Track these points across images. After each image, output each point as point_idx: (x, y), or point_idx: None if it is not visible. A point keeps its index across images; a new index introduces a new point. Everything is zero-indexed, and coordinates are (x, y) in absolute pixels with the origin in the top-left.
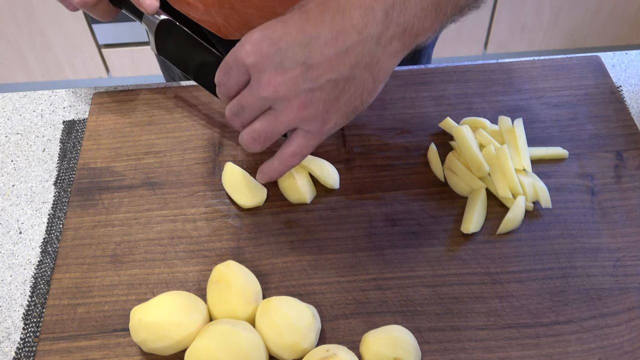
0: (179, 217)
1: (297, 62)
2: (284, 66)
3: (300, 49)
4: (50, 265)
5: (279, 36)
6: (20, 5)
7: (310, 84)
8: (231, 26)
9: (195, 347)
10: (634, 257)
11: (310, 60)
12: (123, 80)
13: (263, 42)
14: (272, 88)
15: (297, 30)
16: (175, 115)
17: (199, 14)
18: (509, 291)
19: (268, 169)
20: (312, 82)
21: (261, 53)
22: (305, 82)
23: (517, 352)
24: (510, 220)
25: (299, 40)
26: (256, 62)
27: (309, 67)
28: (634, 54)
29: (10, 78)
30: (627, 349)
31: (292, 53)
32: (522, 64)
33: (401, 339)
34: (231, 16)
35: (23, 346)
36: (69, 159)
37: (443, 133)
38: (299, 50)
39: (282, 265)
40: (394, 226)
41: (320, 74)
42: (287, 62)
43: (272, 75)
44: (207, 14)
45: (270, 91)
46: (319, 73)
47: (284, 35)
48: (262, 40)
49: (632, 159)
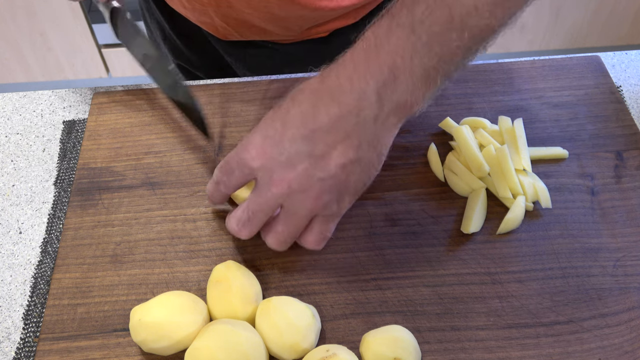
0: (179, 217)
1: (304, 156)
2: (293, 162)
3: (303, 144)
4: (50, 265)
5: (280, 136)
6: (20, 5)
7: (321, 174)
8: (230, 26)
9: (195, 347)
10: (634, 257)
11: (315, 152)
12: (123, 80)
13: (266, 145)
14: (285, 184)
15: (297, 125)
16: (175, 115)
17: (196, 15)
18: (509, 291)
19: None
20: (322, 171)
21: (266, 156)
22: (316, 173)
23: (517, 352)
24: (510, 220)
25: (300, 134)
26: (263, 165)
27: (317, 158)
28: (634, 54)
29: (10, 78)
30: (627, 349)
31: (296, 149)
32: (522, 64)
33: (401, 339)
34: (229, 17)
35: (23, 346)
36: (69, 159)
37: (443, 133)
38: (303, 144)
39: (282, 265)
40: (394, 226)
41: (328, 162)
42: (294, 158)
43: (283, 173)
44: (205, 15)
45: (284, 187)
46: (326, 162)
47: (284, 133)
48: (264, 143)
49: (632, 159)
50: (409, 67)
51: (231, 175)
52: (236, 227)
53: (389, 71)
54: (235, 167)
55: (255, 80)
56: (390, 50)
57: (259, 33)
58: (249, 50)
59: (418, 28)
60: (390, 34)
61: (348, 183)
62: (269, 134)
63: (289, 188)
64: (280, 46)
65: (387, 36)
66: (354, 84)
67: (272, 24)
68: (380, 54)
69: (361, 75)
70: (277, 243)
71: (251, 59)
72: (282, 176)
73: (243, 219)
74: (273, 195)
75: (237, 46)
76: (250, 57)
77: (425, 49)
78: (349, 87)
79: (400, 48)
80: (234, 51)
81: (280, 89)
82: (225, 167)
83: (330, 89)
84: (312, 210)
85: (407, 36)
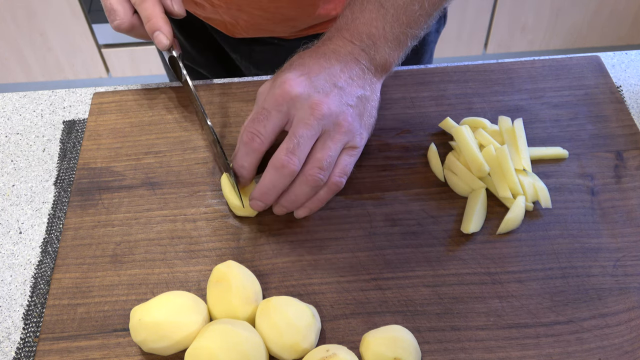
0: (179, 217)
1: (330, 85)
2: (324, 90)
3: (325, 78)
4: (50, 265)
5: (306, 73)
6: (20, 5)
7: (348, 100)
8: (239, 25)
9: (195, 347)
10: (634, 257)
11: (338, 84)
12: (123, 80)
13: (298, 77)
14: (325, 106)
15: (314, 66)
16: (175, 115)
17: (206, 13)
18: (509, 291)
19: (312, 203)
20: (349, 98)
21: (302, 85)
22: (344, 99)
23: (517, 352)
24: (510, 220)
25: (321, 72)
26: (301, 92)
27: (341, 88)
28: (634, 54)
29: (10, 78)
30: (627, 349)
31: (322, 81)
32: (522, 64)
33: (401, 339)
34: (239, 16)
35: (23, 346)
36: (69, 159)
37: (443, 133)
38: (326, 78)
39: (282, 265)
40: (394, 226)
41: (350, 92)
42: (324, 88)
43: (320, 97)
44: (214, 13)
45: (324, 108)
46: (349, 91)
47: (308, 71)
48: (295, 76)
49: (632, 159)
50: (383, 35)
51: (267, 119)
52: (285, 157)
53: (367, 38)
54: (272, 108)
55: (256, 80)
56: (365, 22)
57: (266, 31)
58: (255, 47)
59: (385, 3)
60: (363, 9)
61: (363, 117)
62: (295, 72)
63: (328, 109)
64: (286, 42)
65: (361, 11)
66: (345, 46)
67: (282, 24)
68: (358, 26)
69: (347, 41)
70: (317, 171)
71: (257, 56)
72: (319, 100)
73: (291, 147)
74: (314, 119)
75: (243, 43)
76: (257, 53)
77: (393, 19)
78: (341, 49)
79: (373, 20)
80: (240, 48)
81: None
82: (258, 115)
83: (325, 52)
84: (345, 135)
85: (378, 10)
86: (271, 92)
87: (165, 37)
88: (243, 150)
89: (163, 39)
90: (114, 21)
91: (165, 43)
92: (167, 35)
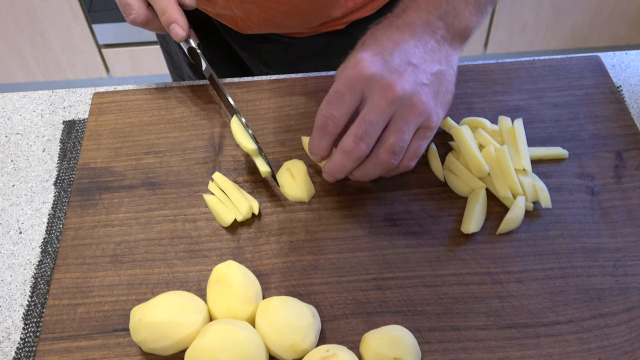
0: (179, 217)
1: (404, 64)
2: (398, 70)
3: (400, 56)
4: (50, 265)
5: (379, 52)
6: (20, 5)
7: (423, 79)
8: (250, 20)
9: (195, 347)
10: (634, 257)
11: (413, 61)
12: (123, 80)
13: (371, 57)
14: (399, 86)
15: (388, 44)
16: (175, 115)
17: (217, 9)
18: (509, 291)
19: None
20: (423, 76)
21: (376, 65)
22: (418, 78)
23: (517, 352)
24: (510, 220)
25: (395, 50)
26: (375, 72)
27: (415, 66)
28: (634, 54)
29: (10, 78)
30: (627, 349)
31: (397, 59)
32: (522, 64)
33: (401, 339)
34: (252, 10)
35: (23, 346)
36: (69, 159)
37: (443, 133)
38: (400, 56)
39: (282, 265)
40: (394, 226)
41: (425, 69)
42: (398, 67)
43: (393, 78)
44: (226, 8)
45: (398, 90)
46: (424, 69)
47: (381, 50)
48: (369, 56)
49: (632, 159)
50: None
51: (341, 102)
52: (353, 143)
53: (446, 3)
54: (345, 90)
55: (256, 80)
56: None
57: (278, 26)
58: (264, 45)
59: None
60: None
61: (439, 94)
62: (368, 52)
63: (402, 90)
64: (296, 40)
65: None
66: (420, 17)
67: (294, 18)
68: None
69: (423, 11)
70: (390, 155)
71: (266, 54)
72: (393, 80)
73: (360, 133)
74: (387, 102)
75: (252, 41)
76: (266, 52)
77: None
78: (417, 20)
79: None
80: (249, 46)
81: (282, 88)
82: (332, 97)
83: (400, 26)
84: (419, 116)
85: None
86: (345, 73)
87: (182, 29)
88: (317, 134)
89: (179, 31)
90: (130, 15)
91: (182, 34)
92: (184, 27)
